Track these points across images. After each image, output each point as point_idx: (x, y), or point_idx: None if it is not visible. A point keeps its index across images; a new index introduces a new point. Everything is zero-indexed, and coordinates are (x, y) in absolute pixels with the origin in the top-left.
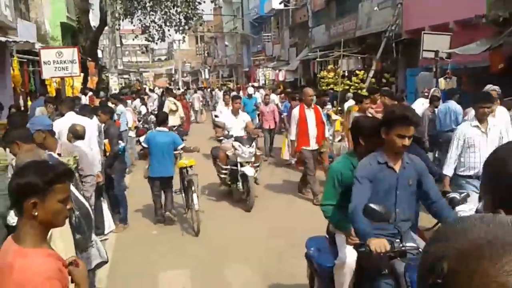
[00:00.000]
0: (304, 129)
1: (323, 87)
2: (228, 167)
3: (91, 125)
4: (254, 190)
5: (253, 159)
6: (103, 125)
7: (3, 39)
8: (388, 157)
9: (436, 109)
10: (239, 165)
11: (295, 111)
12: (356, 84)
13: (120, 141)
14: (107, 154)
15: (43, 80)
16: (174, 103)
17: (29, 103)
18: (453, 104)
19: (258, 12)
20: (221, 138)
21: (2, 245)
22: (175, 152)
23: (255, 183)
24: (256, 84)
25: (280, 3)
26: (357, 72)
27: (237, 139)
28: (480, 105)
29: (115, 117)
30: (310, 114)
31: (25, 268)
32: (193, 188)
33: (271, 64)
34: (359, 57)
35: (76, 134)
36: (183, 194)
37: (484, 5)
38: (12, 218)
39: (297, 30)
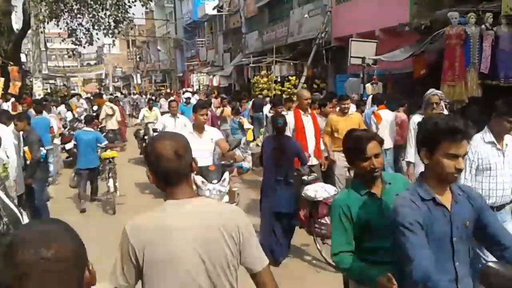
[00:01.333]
0: (303, 141)
1: (257, 92)
2: None
3: (7, 132)
4: None
5: (225, 199)
6: (22, 132)
7: None
8: (435, 190)
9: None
10: None
11: (289, 119)
12: (289, 90)
13: (41, 148)
14: (28, 162)
15: None
16: (111, 107)
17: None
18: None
19: (191, 17)
20: None
21: None
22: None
23: None
24: (190, 90)
25: (213, 9)
26: (290, 77)
27: (200, 171)
28: (507, 118)
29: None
30: (307, 122)
31: None
32: (110, 174)
33: (205, 69)
34: (291, 63)
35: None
36: (107, 181)
37: (407, 13)
38: None
39: (231, 36)
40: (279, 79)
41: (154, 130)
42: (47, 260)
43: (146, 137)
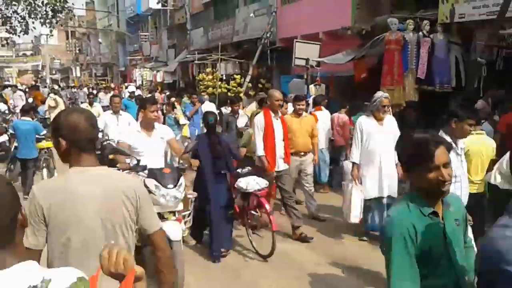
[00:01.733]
0: (271, 144)
1: (201, 90)
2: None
3: None
4: (183, 262)
5: (180, 206)
6: None
7: None
8: None
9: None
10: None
11: (259, 119)
12: (234, 88)
13: None
14: None
15: None
16: (54, 100)
17: None
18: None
19: (135, 10)
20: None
21: None
22: (38, 136)
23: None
24: (133, 84)
25: (157, 3)
26: (235, 76)
27: (153, 173)
28: (468, 122)
29: None
30: (277, 124)
31: None
32: (44, 165)
33: (149, 64)
34: (236, 62)
35: None
36: (41, 171)
37: (349, 17)
38: None
39: (175, 32)
40: (224, 77)
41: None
42: None
43: None
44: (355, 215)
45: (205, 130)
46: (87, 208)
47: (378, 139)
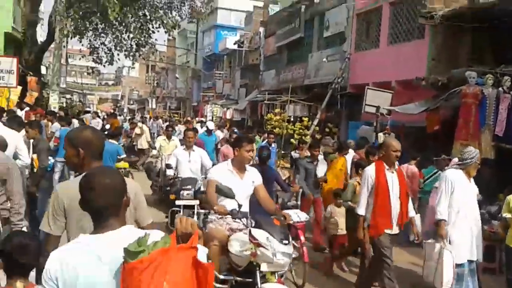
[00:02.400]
0: (386, 202)
1: (268, 129)
2: (225, 276)
3: (16, 137)
4: None
5: (286, 268)
6: (32, 140)
7: None
8: None
9: None
10: (258, 275)
11: (370, 173)
12: (301, 130)
13: (50, 157)
14: (35, 170)
15: None
16: (141, 128)
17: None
18: None
19: (212, 49)
20: (221, 217)
21: None
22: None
23: None
24: (203, 120)
25: (234, 44)
26: (303, 118)
27: (262, 223)
28: None
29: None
30: (392, 179)
31: None
32: None
33: (220, 101)
34: (305, 104)
35: (4, 148)
36: None
37: (424, 68)
38: None
39: (248, 72)
40: (292, 119)
41: (168, 166)
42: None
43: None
44: (448, 281)
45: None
46: None
47: (468, 195)
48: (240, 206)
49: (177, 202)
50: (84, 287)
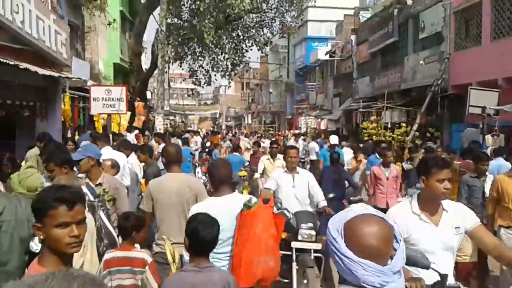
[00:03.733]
0: None
1: (365, 138)
2: None
3: (123, 160)
4: None
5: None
6: (143, 164)
7: (56, 74)
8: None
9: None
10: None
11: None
12: (400, 137)
13: None
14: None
15: (91, 116)
16: (249, 143)
17: (77, 137)
18: (502, 162)
19: (304, 62)
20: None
21: (30, 265)
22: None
23: None
24: (297, 132)
25: (325, 54)
26: (401, 124)
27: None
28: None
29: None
30: None
31: None
32: (242, 188)
33: (314, 112)
34: (403, 110)
35: (118, 168)
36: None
37: None
38: (36, 245)
39: (341, 81)
40: (389, 126)
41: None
42: None
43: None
44: None
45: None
46: (171, 194)
47: None
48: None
49: (294, 245)
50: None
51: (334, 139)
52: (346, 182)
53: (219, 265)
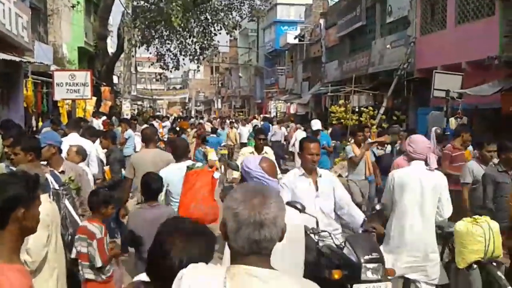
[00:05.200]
0: None
1: (333, 121)
2: None
3: (89, 147)
4: None
5: None
6: (105, 150)
7: (18, 59)
8: None
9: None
10: None
11: None
12: (366, 120)
13: (122, 169)
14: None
15: (55, 102)
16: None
17: (40, 123)
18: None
19: (273, 46)
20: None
21: None
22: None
23: None
24: (267, 116)
25: (295, 38)
26: (368, 108)
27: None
28: None
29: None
30: None
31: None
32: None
33: (283, 97)
34: (370, 94)
35: (84, 155)
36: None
37: (497, 46)
38: None
39: (310, 65)
40: (357, 109)
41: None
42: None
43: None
44: None
45: None
46: (147, 164)
47: None
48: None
49: None
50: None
51: (317, 124)
52: None
53: (174, 207)
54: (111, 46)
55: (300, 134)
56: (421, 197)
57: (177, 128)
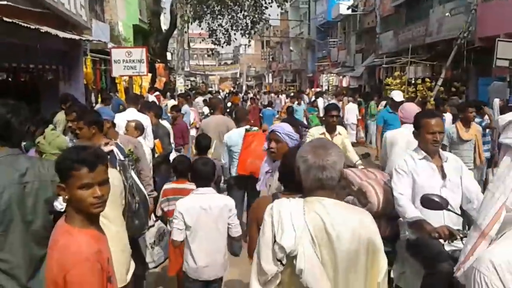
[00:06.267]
0: None
1: (388, 94)
2: None
3: (146, 122)
4: None
5: None
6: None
7: (77, 37)
8: None
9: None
10: None
11: None
12: (423, 92)
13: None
14: (156, 155)
15: (113, 79)
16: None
17: (99, 100)
18: None
19: (325, 17)
20: None
21: (57, 223)
22: None
23: None
24: (318, 90)
25: (347, 9)
26: (425, 79)
27: None
28: None
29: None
30: None
31: (65, 246)
32: None
33: (336, 70)
34: (427, 64)
35: (142, 129)
36: None
37: None
38: (60, 204)
39: (364, 36)
40: (413, 81)
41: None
42: None
43: None
44: None
45: None
46: (213, 127)
47: None
48: None
49: None
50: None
51: (399, 95)
52: None
53: (235, 162)
54: (164, 23)
55: (351, 106)
56: (406, 151)
57: (229, 103)
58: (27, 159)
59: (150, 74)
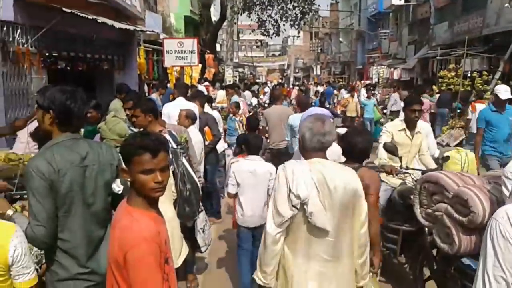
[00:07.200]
0: None
1: (443, 87)
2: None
3: (198, 112)
4: None
5: None
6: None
7: (132, 28)
8: None
9: None
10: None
11: None
12: (480, 86)
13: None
14: (206, 142)
15: (165, 69)
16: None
17: (152, 90)
18: None
19: (377, 8)
20: None
21: (120, 203)
22: None
23: None
24: (368, 82)
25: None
26: (482, 73)
27: None
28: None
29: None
30: None
31: (126, 227)
32: None
33: (386, 62)
34: (484, 57)
35: (194, 118)
36: None
37: None
38: (118, 187)
39: (417, 27)
40: (469, 74)
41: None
42: None
43: None
44: None
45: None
46: (276, 116)
47: None
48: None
49: None
50: None
51: (507, 92)
52: None
53: (295, 139)
54: (214, 14)
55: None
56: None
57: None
58: (87, 143)
59: (200, 65)
